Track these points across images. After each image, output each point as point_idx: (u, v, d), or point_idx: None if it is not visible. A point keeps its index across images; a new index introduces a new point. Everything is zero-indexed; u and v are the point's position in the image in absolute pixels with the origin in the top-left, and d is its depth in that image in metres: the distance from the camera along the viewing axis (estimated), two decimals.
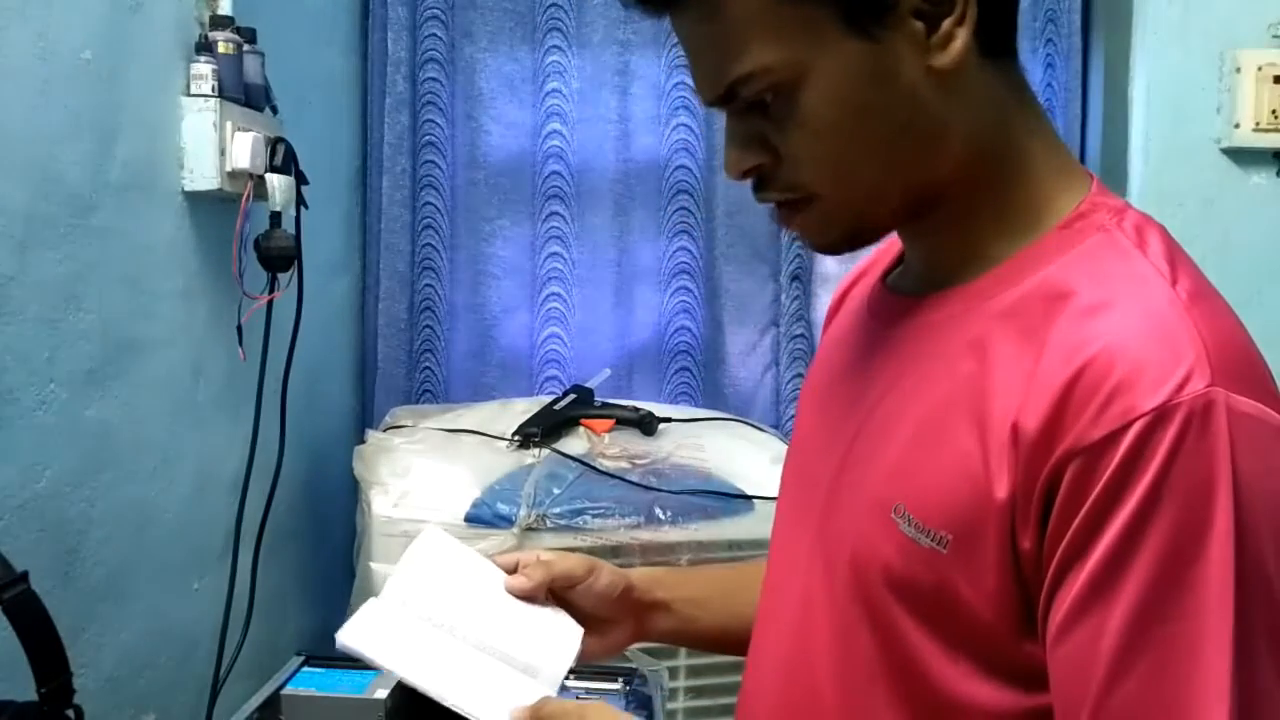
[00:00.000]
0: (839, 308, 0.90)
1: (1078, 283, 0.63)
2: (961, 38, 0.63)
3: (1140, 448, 0.56)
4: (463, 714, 0.77)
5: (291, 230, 1.45)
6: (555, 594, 0.92)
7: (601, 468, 1.65)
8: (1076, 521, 0.58)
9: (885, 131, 0.65)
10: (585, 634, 0.90)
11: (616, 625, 0.94)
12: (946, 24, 0.63)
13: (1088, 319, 0.60)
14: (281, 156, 1.41)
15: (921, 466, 0.65)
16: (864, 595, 0.68)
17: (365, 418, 2.08)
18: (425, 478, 1.60)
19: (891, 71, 0.64)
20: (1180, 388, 0.56)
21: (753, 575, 0.94)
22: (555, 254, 2.11)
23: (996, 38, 0.67)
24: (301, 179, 1.46)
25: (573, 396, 1.84)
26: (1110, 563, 0.57)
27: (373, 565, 1.52)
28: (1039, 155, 0.69)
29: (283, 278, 1.43)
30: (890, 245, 0.84)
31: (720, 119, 2.21)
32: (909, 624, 0.66)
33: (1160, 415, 0.55)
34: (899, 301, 0.75)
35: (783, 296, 2.10)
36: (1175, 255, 0.64)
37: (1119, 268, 0.63)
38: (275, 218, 1.42)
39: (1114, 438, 0.56)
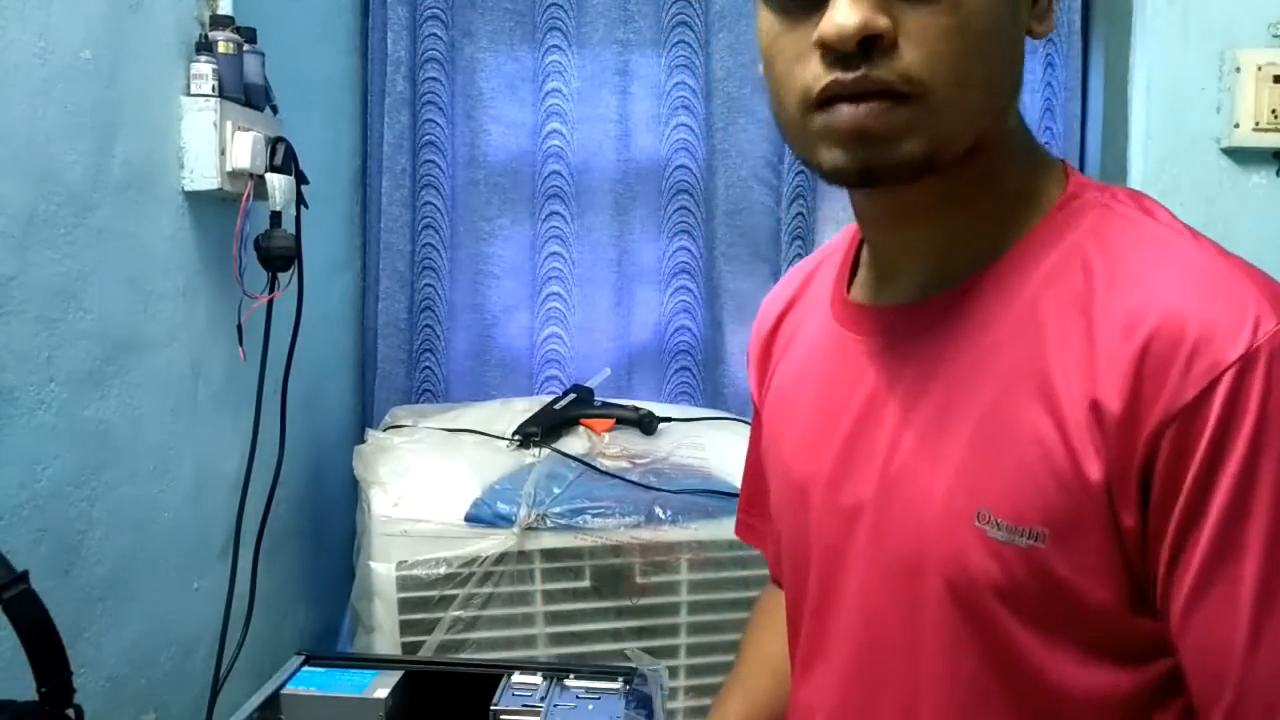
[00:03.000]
0: (773, 342, 0.88)
1: (1102, 256, 0.64)
2: (1051, 18, 0.68)
3: (1234, 397, 0.57)
4: None
5: (291, 230, 1.45)
6: None
7: (602, 467, 1.65)
8: (1186, 485, 0.58)
9: (1008, 52, 0.67)
10: None
11: None
12: (1044, 3, 0.68)
13: (1134, 288, 0.61)
14: (281, 156, 1.41)
15: (997, 466, 0.64)
16: (968, 611, 0.66)
17: (365, 417, 2.08)
18: (425, 477, 1.60)
19: (1018, 9, 0.67)
20: (1255, 332, 0.57)
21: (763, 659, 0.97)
22: (555, 254, 2.11)
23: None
24: (301, 179, 1.46)
25: (573, 396, 1.84)
26: (1230, 515, 0.57)
27: (373, 565, 1.52)
28: (1030, 144, 0.72)
29: (283, 277, 1.43)
30: (812, 273, 0.85)
31: (721, 119, 2.20)
32: (1015, 627, 0.64)
33: (1246, 362, 0.57)
34: (892, 312, 0.73)
35: None
36: (1176, 218, 0.67)
37: (1137, 235, 0.64)
38: (275, 217, 1.42)
39: (1206, 394, 0.57)
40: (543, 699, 1.08)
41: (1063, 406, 0.61)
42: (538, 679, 1.12)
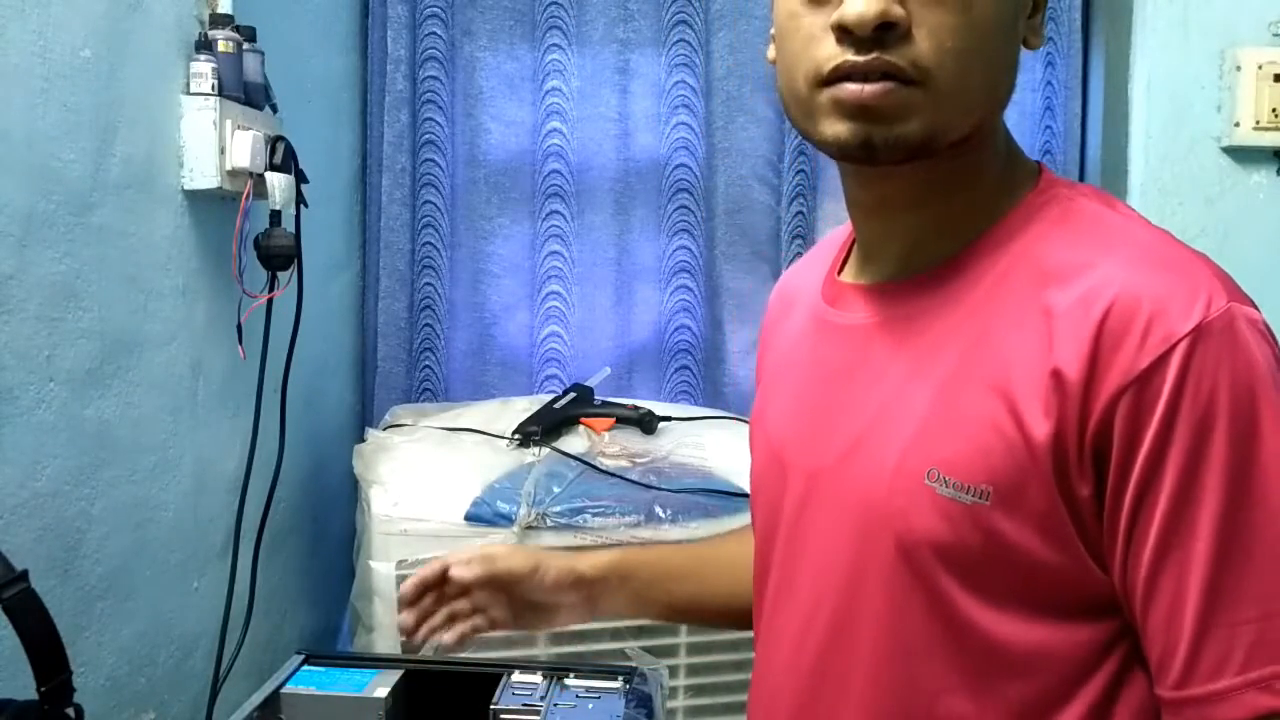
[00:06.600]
0: (772, 331, 0.93)
1: (1063, 242, 0.68)
2: (1043, 34, 0.74)
3: (1187, 366, 0.61)
4: None
5: (291, 229, 1.45)
6: (501, 588, 0.97)
7: (602, 466, 1.65)
8: (1141, 456, 0.61)
9: (1008, 56, 0.71)
10: (531, 615, 0.95)
11: (565, 609, 0.99)
12: (1038, 20, 0.74)
13: (1093, 268, 0.65)
14: (281, 155, 1.41)
15: (948, 429, 0.68)
16: (913, 567, 0.69)
17: (365, 416, 2.08)
18: (425, 476, 1.59)
19: (1018, 19, 0.72)
20: (1208, 307, 0.62)
21: (722, 553, 1.00)
22: (555, 252, 2.11)
23: None
24: (301, 177, 1.46)
25: (573, 395, 1.84)
26: (1181, 494, 0.61)
27: (372, 564, 1.52)
28: (1009, 145, 0.77)
29: (282, 276, 1.43)
30: (824, 251, 0.89)
31: (721, 118, 2.20)
32: (955, 586, 0.68)
33: (1198, 334, 0.61)
34: (871, 290, 0.78)
35: None
36: (1135, 211, 0.72)
37: (1096, 223, 0.70)
38: (275, 216, 1.42)
39: (1160, 363, 0.61)
40: (543, 698, 1.08)
41: (1016, 375, 0.65)
42: (538, 678, 1.12)
